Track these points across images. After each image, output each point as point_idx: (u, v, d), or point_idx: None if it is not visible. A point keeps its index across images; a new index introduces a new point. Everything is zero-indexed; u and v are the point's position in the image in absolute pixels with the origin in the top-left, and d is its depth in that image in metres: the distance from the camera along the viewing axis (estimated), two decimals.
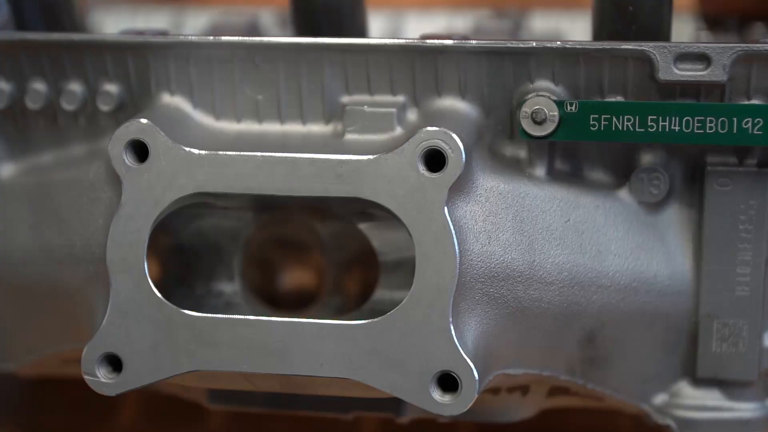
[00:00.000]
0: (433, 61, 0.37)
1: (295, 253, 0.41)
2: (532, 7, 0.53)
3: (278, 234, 0.41)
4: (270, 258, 0.42)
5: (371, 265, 0.40)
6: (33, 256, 0.39)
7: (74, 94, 0.39)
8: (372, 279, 0.40)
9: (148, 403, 0.52)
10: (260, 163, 0.36)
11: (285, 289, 0.42)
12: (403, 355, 0.35)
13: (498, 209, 0.36)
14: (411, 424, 0.48)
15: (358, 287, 0.41)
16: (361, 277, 0.41)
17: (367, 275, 0.40)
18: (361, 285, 0.41)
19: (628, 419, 0.51)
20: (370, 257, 0.40)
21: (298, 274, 0.42)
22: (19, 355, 0.42)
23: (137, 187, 0.36)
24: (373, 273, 0.40)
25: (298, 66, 0.38)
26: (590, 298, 0.37)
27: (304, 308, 0.41)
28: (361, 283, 0.41)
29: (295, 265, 0.42)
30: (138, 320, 0.36)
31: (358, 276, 0.41)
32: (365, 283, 0.40)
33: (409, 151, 0.35)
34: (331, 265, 0.40)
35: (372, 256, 0.39)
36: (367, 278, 0.40)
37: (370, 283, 0.40)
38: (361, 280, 0.41)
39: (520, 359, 0.37)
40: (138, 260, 0.36)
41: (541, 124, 0.36)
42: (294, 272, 0.42)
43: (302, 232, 0.40)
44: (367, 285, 0.40)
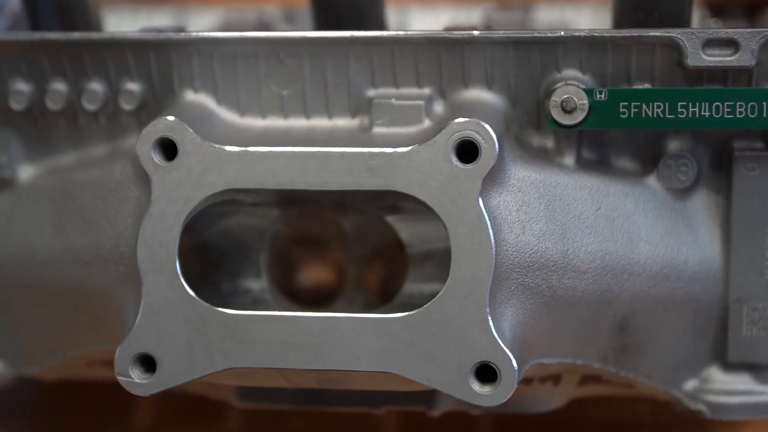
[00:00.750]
0: (460, 52, 0.37)
1: (322, 248, 0.41)
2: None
3: (305, 229, 0.40)
4: (297, 253, 0.41)
5: (399, 258, 0.39)
6: (57, 258, 0.39)
7: (95, 94, 0.39)
8: (399, 273, 0.40)
9: (164, 405, 0.51)
10: (291, 158, 0.35)
11: (312, 285, 0.42)
12: (440, 347, 0.35)
13: (531, 199, 0.36)
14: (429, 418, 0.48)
15: (386, 281, 0.41)
16: (388, 271, 0.40)
17: (395, 269, 0.40)
18: (389, 279, 0.40)
19: (647, 408, 0.51)
20: (397, 251, 0.39)
21: (326, 269, 0.42)
22: (42, 359, 0.41)
23: (167, 185, 0.36)
24: (401, 267, 0.40)
25: (324, 60, 0.37)
26: (623, 286, 0.37)
27: (332, 303, 0.41)
28: (389, 277, 0.40)
29: (322, 260, 0.42)
30: (171, 319, 0.36)
31: (385, 270, 0.40)
32: (393, 278, 0.40)
33: (441, 143, 0.35)
34: (358, 260, 0.40)
35: (399, 249, 0.39)
36: (394, 272, 0.40)
37: (397, 277, 0.40)
38: (388, 274, 0.40)
39: (555, 348, 0.37)
40: (169, 259, 0.36)
41: (570, 112, 0.36)
42: (321, 267, 0.42)
43: (329, 227, 0.40)
44: (395, 279, 0.40)
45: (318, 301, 0.41)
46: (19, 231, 0.40)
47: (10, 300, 0.41)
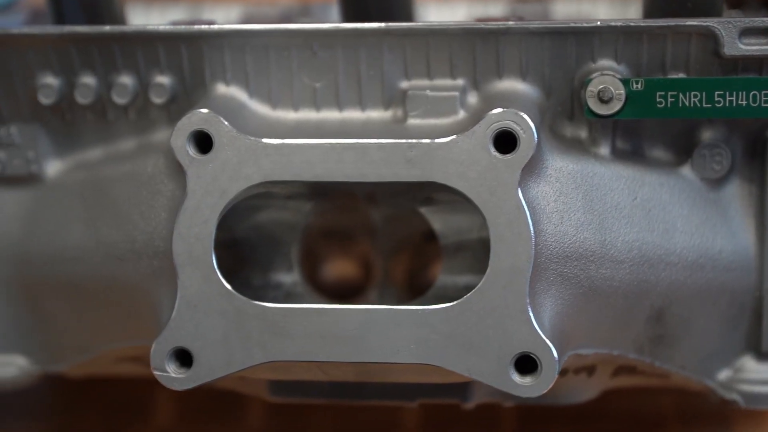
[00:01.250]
0: (495, 43, 0.37)
1: (353, 241, 0.41)
2: None
3: (337, 222, 0.40)
4: (330, 247, 0.41)
5: (430, 251, 0.39)
6: (88, 253, 0.38)
7: (125, 87, 0.38)
8: (430, 265, 0.40)
9: (186, 401, 0.51)
10: (328, 149, 0.35)
11: (344, 278, 0.41)
12: (480, 338, 0.35)
13: (568, 189, 0.36)
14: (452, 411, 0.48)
15: (416, 274, 0.40)
16: (419, 263, 0.40)
17: (426, 262, 0.40)
18: (420, 272, 0.40)
19: (670, 401, 0.51)
20: (429, 243, 0.39)
21: (357, 262, 0.41)
22: (70, 355, 0.41)
23: (202, 178, 0.36)
24: (432, 259, 0.39)
25: (357, 52, 0.37)
26: (659, 276, 0.37)
27: (363, 296, 0.40)
28: (420, 270, 0.40)
29: (353, 253, 0.41)
30: (207, 313, 0.36)
31: (416, 263, 0.40)
32: (424, 270, 0.40)
33: (480, 133, 0.35)
34: (390, 252, 0.40)
35: (431, 241, 0.39)
36: (425, 265, 0.40)
37: (428, 269, 0.40)
38: (419, 267, 0.40)
39: (592, 339, 0.37)
40: (205, 252, 0.36)
41: (607, 102, 0.36)
42: (353, 260, 0.41)
43: (360, 220, 0.40)
44: (425, 272, 0.40)
45: (348, 294, 0.41)
46: (47, 227, 0.40)
47: (37, 296, 0.41)
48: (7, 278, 0.41)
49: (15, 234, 0.41)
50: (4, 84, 0.39)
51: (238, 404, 0.51)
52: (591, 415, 0.49)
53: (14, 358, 0.42)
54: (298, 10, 0.52)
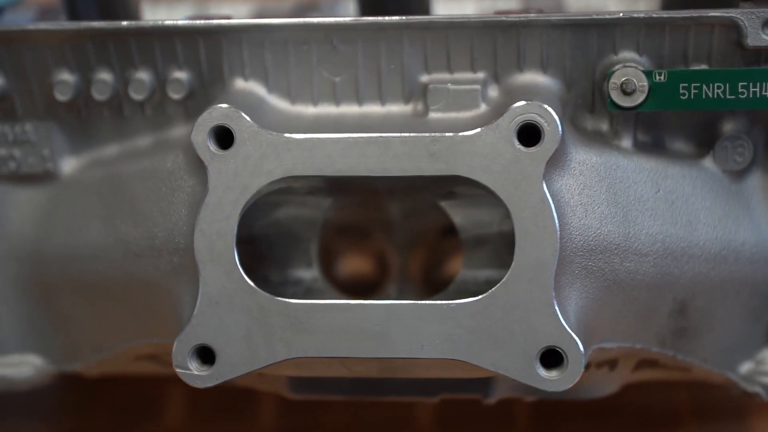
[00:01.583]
0: (516, 35, 0.37)
1: (373, 237, 0.41)
2: None
3: (356, 218, 0.40)
4: (349, 242, 0.41)
5: (449, 246, 0.39)
6: (106, 250, 0.38)
7: (142, 83, 0.38)
8: (448, 261, 0.39)
9: (197, 399, 0.51)
10: (351, 144, 0.35)
11: (363, 273, 0.41)
12: (506, 333, 0.35)
13: (592, 182, 0.36)
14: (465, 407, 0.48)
15: (434, 270, 0.40)
16: (437, 259, 0.40)
17: (445, 257, 0.40)
18: (437, 267, 0.40)
19: (683, 396, 0.51)
20: (447, 238, 0.39)
21: (377, 257, 0.41)
22: (87, 354, 0.41)
23: (223, 174, 0.35)
24: (450, 254, 0.39)
25: (378, 45, 0.37)
26: (682, 269, 0.37)
27: (382, 291, 0.40)
28: (437, 265, 0.40)
29: (373, 249, 0.41)
30: (230, 310, 0.35)
31: (434, 258, 0.40)
32: (441, 266, 0.40)
33: (504, 126, 0.35)
34: (409, 248, 0.40)
35: (449, 236, 0.39)
36: (444, 260, 0.40)
37: (445, 265, 0.39)
38: (437, 262, 0.40)
39: (615, 332, 0.37)
40: (227, 249, 0.35)
41: (630, 94, 0.36)
42: (372, 256, 0.41)
43: (380, 215, 0.40)
44: (443, 267, 0.40)
45: (368, 290, 0.41)
46: (64, 224, 0.39)
47: (53, 295, 0.40)
48: (22, 277, 0.41)
49: (30, 232, 0.40)
50: (19, 81, 0.39)
51: (250, 402, 0.51)
52: (605, 411, 0.49)
53: (29, 357, 0.42)
54: (307, 5, 0.52)
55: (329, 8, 0.52)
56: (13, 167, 0.40)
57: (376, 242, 0.41)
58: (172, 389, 0.51)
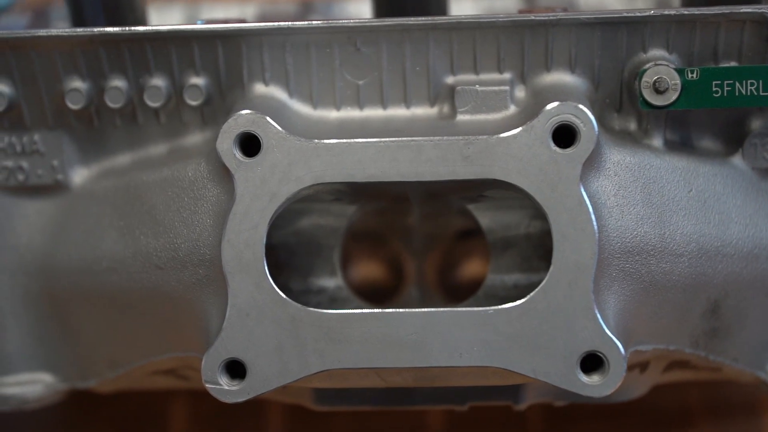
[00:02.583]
0: (544, 34, 0.36)
1: (397, 243, 0.40)
2: None
3: (380, 224, 0.39)
4: (374, 249, 0.40)
5: (476, 250, 0.38)
6: (125, 263, 0.37)
7: (158, 90, 0.37)
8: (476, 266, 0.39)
9: (199, 410, 0.50)
10: (382, 149, 0.34)
11: (389, 280, 0.40)
12: (545, 338, 0.34)
13: (627, 183, 0.35)
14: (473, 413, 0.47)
15: (464, 274, 0.39)
16: (467, 263, 0.39)
17: (473, 262, 0.39)
18: (468, 272, 0.39)
19: (696, 394, 0.51)
20: (475, 242, 0.38)
21: (401, 263, 0.40)
22: (102, 370, 0.39)
23: (251, 182, 0.34)
24: (478, 259, 0.39)
25: (402, 47, 0.36)
26: (716, 268, 0.36)
27: (407, 297, 0.39)
28: (468, 269, 0.39)
29: (398, 255, 0.40)
30: (260, 322, 0.34)
31: (463, 262, 0.39)
32: (471, 270, 0.39)
33: (539, 128, 0.34)
34: (436, 252, 0.39)
35: (477, 241, 0.38)
36: (473, 265, 0.39)
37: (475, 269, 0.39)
38: (467, 267, 0.39)
39: (650, 334, 0.36)
40: (256, 259, 0.34)
41: (663, 93, 0.35)
42: (396, 262, 0.40)
43: (405, 220, 0.39)
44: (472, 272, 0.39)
45: (391, 297, 0.40)
46: (77, 237, 0.38)
47: (66, 309, 0.39)
48: (32, 291, 0.39)
49: (39, 245, 0.39)
50: (28, 89, 0.37)
51: (256, 411, 0.50)
52: (617, 411, 0.49)
53: (40, 375, 0.40)
54: (302, 8, 0.51)
55: (325, 9, 0.51)
56: (21, 179, 0.39)
57: (399, 248, 0.40)
58: (174, 401, 0.50)
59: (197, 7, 0.53)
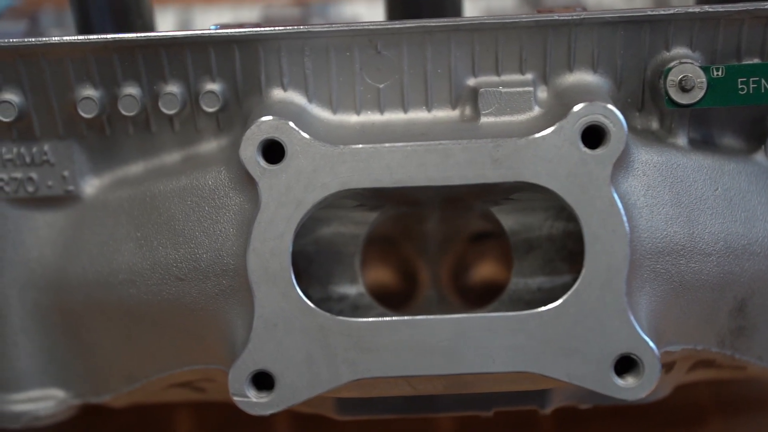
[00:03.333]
0: (567, 34, 0.35)
1: (416, 248, 0.39)
2: None
3: (400, 229, 0.38)
4: (392, 255, 0.39)
5: (499, 254, 0.38)
6: (143, 275, 0.36)
7: (174, 97, 0.36)
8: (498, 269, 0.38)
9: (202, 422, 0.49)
10: (409, 153, 0.34)
11: (408, 286, 0.40)
12: (579, 342, 0.33)
13: (655, 182, 0.35)
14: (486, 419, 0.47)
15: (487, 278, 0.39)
16: (489, 267, 0.39)
17: (495, 265, 0.38)
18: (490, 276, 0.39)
19: (709, 392, 0.50)
20: (497, 246, 0.38)
21: (421, 269, 0.40)
22: (116, 385, 0.38)
23: (276, 189, 0.34)
24: (501, 263, 0.38)
25: (424, 49, 0.36)
26: (743, 266, 0.36)
27: (420, 304, 0.39)
28: (490, 273, 0.39)
29: (417, 261, 0.40)
30: (288, 332, 0.34)
31: (485, 266, 0.39)
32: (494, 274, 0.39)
33: (568, 129, 0.33)
34: (457, 257, 0.38)
35: (498, 245, 0.38)
36: (495, 268, 0.39)
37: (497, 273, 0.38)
38: (489, 271, 0.39)
39: (679, 335, 0.36)
40: (283, 268, 0.34)
41: (689, 91, 0.35)
42: (416, 268, 0.40)
43: (424, 225, 0.38)
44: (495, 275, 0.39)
45: (411, 303, 0.39)
46: (90, 249, 0.37)
47: (79, 323, 0.38)
48: (42, 306, 0.38)
49: (50, 259, 0.38)
50: (38, 98, 0.36)
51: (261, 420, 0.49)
52: (629, 412, 0.48)
53: (52, 391, 0.39)
54: (301, 10, 0.50)
55: (321, 12, 0.50)
56: (30, 190, 0.38)
57: (416, 253, 0.39)
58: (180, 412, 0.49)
59: (189, 10, 0.53)
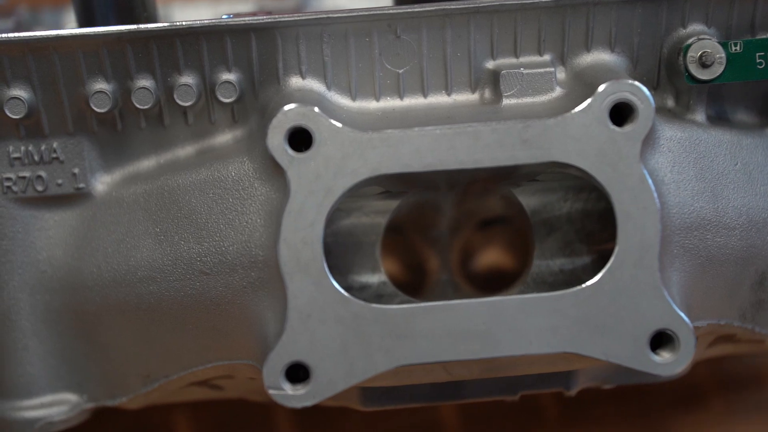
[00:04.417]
0: (586, 14, 0.35)
1: (437, 233, 0.39)
2: None
3: (419, 216, 0.38)
4: (412, 242, 0.39)
5: (520, 236, 0.38)
6: (165, 271, 0.35)
7: (189, 88, 0.35)
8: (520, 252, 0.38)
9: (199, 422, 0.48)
10: (438, 137, 0.33)
11: (431, 271, 0.39)
12: (614, 320, 0.33)
13: (680, 158, 0.35)
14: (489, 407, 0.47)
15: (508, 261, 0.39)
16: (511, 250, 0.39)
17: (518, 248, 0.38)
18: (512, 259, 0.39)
19: (706, 369, 0.51)
20: (518, 229, 0.38)
21: (440, 254, 0.39)
22: (134, 386, 0.37)
23: (305, 177, 0.33)
24: (522, 246, 0.38)
25: (444, 33, 0.35)
26: (765, 239, 0.36)
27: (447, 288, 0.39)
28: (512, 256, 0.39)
29: (437, 245, 0.39)
30: (323, 322, 0.33)
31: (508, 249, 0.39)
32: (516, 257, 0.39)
33: (596, 107, 0.33)
34: (479, 240, 0.38)
35: (519, 227, 0.38)
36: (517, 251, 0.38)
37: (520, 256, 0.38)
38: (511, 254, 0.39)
39: (706, 310, 0.36)
40: (315, 257, 0.33)
41: (709, 67, 0.35)
42: (435, 253, 0.39)
43: (440, 208, 0.38)
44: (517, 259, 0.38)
45: (430, 288, 0.39)
46: (106, 247, 0.36)
47: (94, 324, 0.37)
48: (53, 308, 0.37)
49: (61, 260, 0.37)
50: (48, 94, 0.35)
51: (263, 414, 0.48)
52: (629, 393, 0.49)
53: (65, 395, 0.38)
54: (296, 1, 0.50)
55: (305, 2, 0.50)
56: (40, 189, 0.36)
57: (439, 240, 0.39)
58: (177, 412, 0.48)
59: (167, 6, 0.52)
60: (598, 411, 0.49)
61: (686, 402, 0.49)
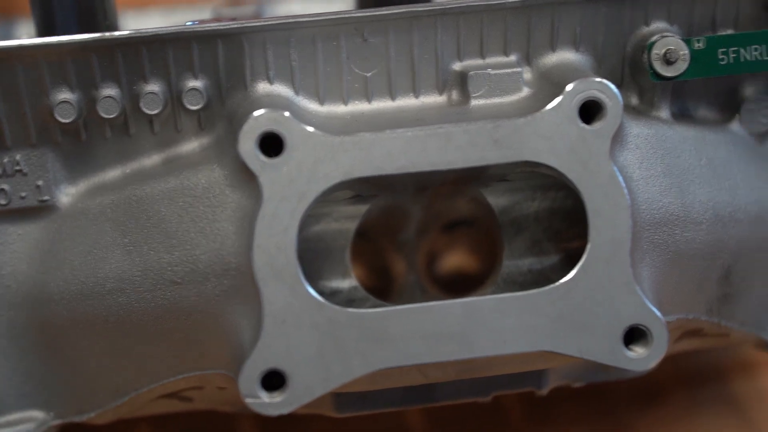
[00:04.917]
0: (551, 14, 0.36)
1: (407, 237, 0.39)
2: None
3: (389, 220, 0.38)
4: (381, 246, 0.39)
5: (487, 238, 0.38)
6: (133, 282, 0.35)
7: (155, 96, 0.35)
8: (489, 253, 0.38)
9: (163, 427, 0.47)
10: (410, 139, 0.33)
11: (397, 276, 0.39)
12: (589, 316, 0.34)
13: (648, 155, 0.35)
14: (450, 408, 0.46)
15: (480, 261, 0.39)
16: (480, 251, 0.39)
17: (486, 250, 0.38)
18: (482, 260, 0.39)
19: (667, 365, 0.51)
20: (486, 230, 0.38)
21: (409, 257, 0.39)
22: (102, 401, 0.37)
23: (277, 182, 0.33)
24: (490, 247, 0.38)
25: (410, 35, 0.35)
26: (729, 234, 0.37)
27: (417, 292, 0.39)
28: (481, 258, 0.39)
29: (405, 249, 0.39)
30: (298, 328, 0.33)
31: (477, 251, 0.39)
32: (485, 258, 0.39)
33: (566, 105, 0.34)
34: (447, 242, 0.38)
35: (488, 228, 0.38)
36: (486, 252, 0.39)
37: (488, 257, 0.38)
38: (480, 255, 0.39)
39: (675, 305, 0.36)
40: (289, 263, 0.33)
41: (673, 63, 0.36)
42: (404, 256, 0.39)
43: (413, 213, 0.38)
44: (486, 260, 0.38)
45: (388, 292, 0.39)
46: (72, 260, 0.35)
47: (60, 339, 0.36)
48: (18, 324, 0.36)
49: (25, 273, 0.36)
50: (10, 105, 0.35)
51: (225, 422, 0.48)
52: (589, 392, 0.49)
53: (31, 413, 0.38)
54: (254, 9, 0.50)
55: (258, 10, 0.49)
56: (2, 202, 0.36)
57: (407, 244, 0.39)
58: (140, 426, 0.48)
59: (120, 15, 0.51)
60: (560, 410, 0.49)
61: (649, 398, 0.50)
